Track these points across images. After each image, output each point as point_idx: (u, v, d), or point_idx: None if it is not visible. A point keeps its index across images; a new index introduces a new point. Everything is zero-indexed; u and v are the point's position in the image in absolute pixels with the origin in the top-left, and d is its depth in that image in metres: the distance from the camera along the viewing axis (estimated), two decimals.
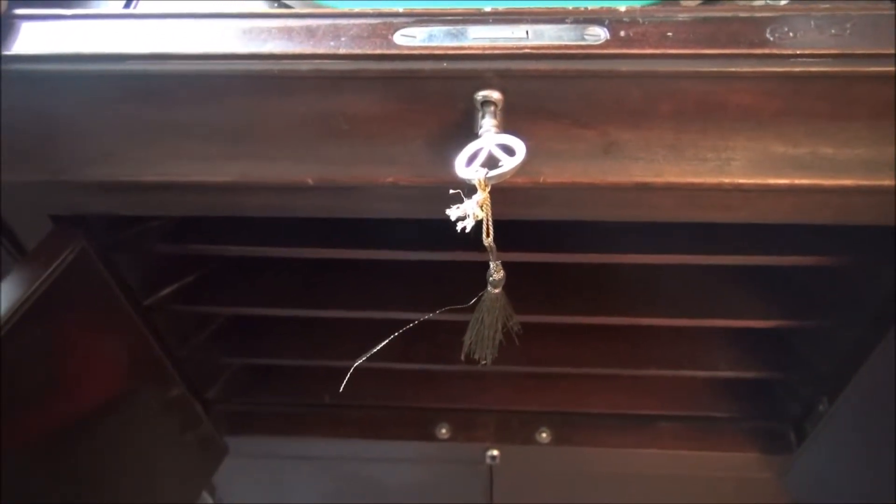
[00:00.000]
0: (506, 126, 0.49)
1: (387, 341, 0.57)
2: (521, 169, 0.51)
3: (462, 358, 0.59)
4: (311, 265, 0.89)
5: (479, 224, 0.48)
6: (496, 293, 0.55)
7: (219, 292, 0.86)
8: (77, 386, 0.70)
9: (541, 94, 0.50)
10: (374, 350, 0.56)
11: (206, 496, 1.09)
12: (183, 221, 0.78)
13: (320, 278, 0.87)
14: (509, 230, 0.58)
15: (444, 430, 0.97)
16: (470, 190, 0.47)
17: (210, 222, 0.76)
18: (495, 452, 0.97)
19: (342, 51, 0.48)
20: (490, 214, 0.48)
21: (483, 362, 0.59)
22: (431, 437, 0.97)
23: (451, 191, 0.47)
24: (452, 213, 0.47)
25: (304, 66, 0.48)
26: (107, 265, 0.69)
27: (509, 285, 0.57)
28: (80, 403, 0.71)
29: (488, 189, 0.47)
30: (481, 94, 0.49)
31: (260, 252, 0.74)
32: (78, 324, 0.68)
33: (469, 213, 0.46)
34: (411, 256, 0.73)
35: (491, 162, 0.47)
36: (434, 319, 0.74)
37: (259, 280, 0.88)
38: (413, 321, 0.82)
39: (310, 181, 0.54)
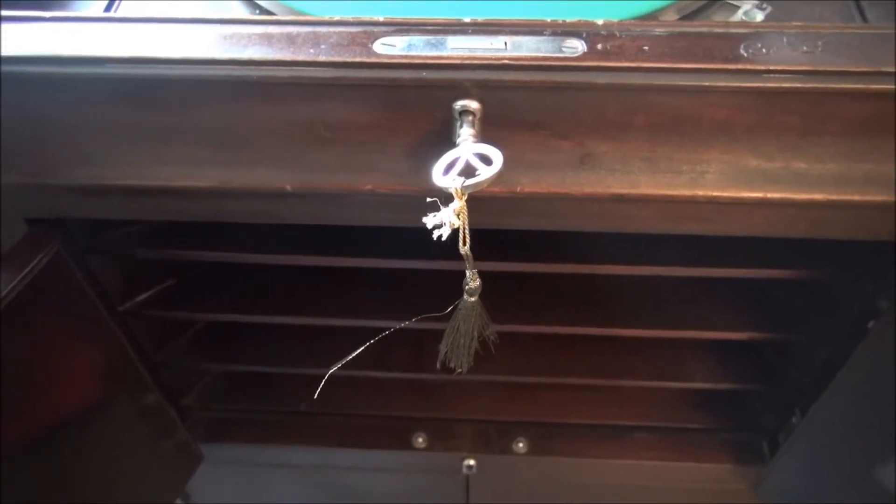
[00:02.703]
0: (484, 136, 0.50)
1: (361, 349, 0.57)
2: (498, 179, 0.51)
3: (438, 366, 0.60)
4: (291, 273, 0.89)
5: (456, 232, 0.48)
6: (472, 301, 0.55)
7: (196, 299, 0.86)
8: (50, 391, 0.70)
9: (519, 105, 0.50)
10: (348, 358, 0.57)
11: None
12: (162, 227, 0.77)
13: (300, 286, 0.87)
14: (489, 240, 0.59)
15: (420, 439, 0.96)
16: (447, 198, 0.47)
17: (190, 228, 0.76)
18: (472, 462, 0.97)
19: (322, 58, 0.48)
20: (467, 223, 0.48)
21: (459, 370, 0.59)
22: (408, 445, 0.96)
23: (429, 199, 0.48)
24: (429, 221, 0.47)
25: (284, 72, 0.48)
26: (83, 270, 0.69)
27: (489, 294, 0.58)
28: (52, 409, 0.70)
29: (465, 198, 0.47)
30: (459, 104, 0.49)
31: (238, 258, 0.74)
32: (52, 329, 0.67)
33: (446, 221, 0.47)
34: (390, 265, 0.73)
35: (468, 171, 0.47)
36: (412, 328, 0.74)
37: (238, 287, 0.88)
38: (391, 329, 0.82)
39: (289, 188, 0.55)
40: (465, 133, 0.49)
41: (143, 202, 0.59)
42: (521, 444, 0.96)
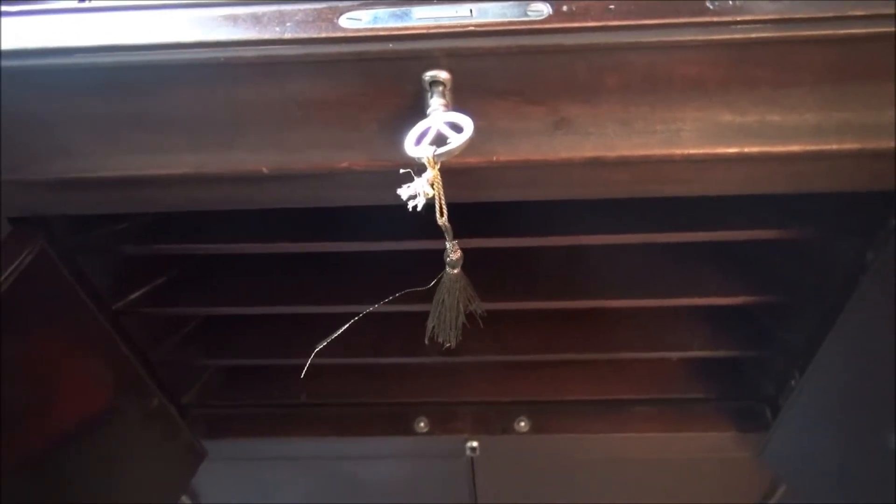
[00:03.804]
0: (456, 107, 0.50)
1: (347, 325, 0.58)
2: (474, 149, 0.51)
3: (426, 341, 0.59)
4: (282, 265, 0.89)
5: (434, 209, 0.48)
6: (455, 273, 0.55)
7: (189, 294, 0.86)
8: (47, 392, 0.70)
9: (488, 73, 0.50)
10: (335, 335, 0.57)
11: (188, 502, 1.09)
12: (149, 226, 0.77)
13: (291, 277, 0.87)
14: (473, 220, 0.59)
15: (422, 424, 0.96)
16: (421, 169, 0.47)
17: (177, 225, 0.76)
18: (475, 444, 0.97)
19: (288, 35, 0.48)
20: (442, 193, 0.48)
21: (447, 345, 0.59)
22: (410, 431, 0.97)
23: (402, 170, 0.48)
24: (403, 192, 0.47)
25: (251, 52, 0.48)
26: (71, 269, 0.69)
27: (477, 275, 0.58)
28: (49, 411, 0.70)
29: (438, 166, 0.47)
30: (429, 75, 0.49)
31: (226, 249, 0.74)
32: (44, 330, 0.67)
33: (420, 191, 0.47)
34: (376, 247, 0.73)
35: (440, 140, 0.47)
36: (406, 314, 0.75)
37: (229, 281, 0.88)
38: (384, 313, 0.82)
39: (265, 170, 0.55)
40: (436, 103, 0.49)
41: (119, 194, 0.59)
42: (522, 424, 0.95)
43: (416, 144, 0.48)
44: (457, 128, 0.47)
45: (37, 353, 0.67)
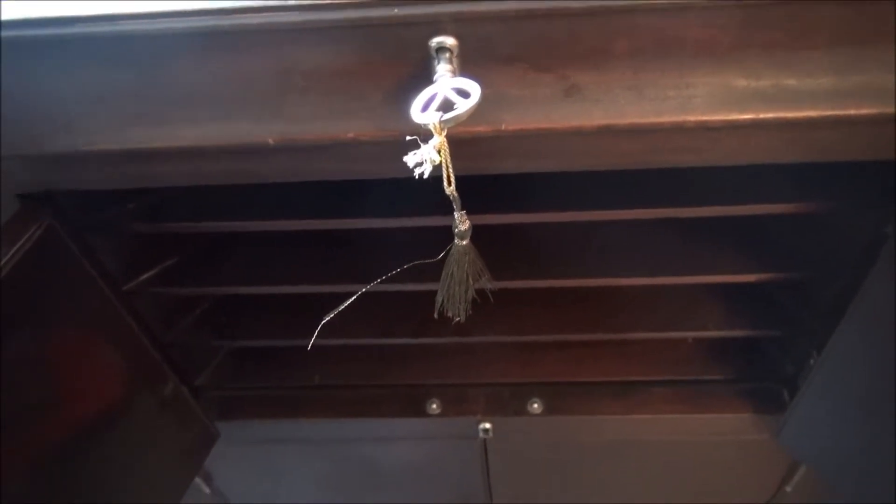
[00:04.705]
0: (464, 75, 0.48)
1: (356, 296, 0.57)
2: (481, 117, 0.51)
3: (435, 315, 0.59)
4: (293, 246, 0.89)
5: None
6: (464, 245, 0.54)
7: (200, 275, 0.86)
8: (59, 373, 0.70)
9: (496, 39, 0.49)
10: (344, 305, 0.56)
11: (202, 485, 1.09)
12: (159, 205, 0.77)
13: (302, 258, 0.87)
14: (482, 199, 0.57)
15: (434, 406, 0.96)
16: (427, 136, 0.46)
17: (186, 207, 0.76)
18: (488, 425, 0.96)
19: (291, 1, 0.47)
20: (449, 161, 0.47)
21: (457, 319, 0.58)
22: (423, 412, 0.96)
23: (409, 138, 0.47)
24: (410, 159, 0.46)
25: (254, 19, 0.48)
26: (80, 247, 0.69)
27: (487, 255, 0.57)
28: (59, 389, 0.70)
29: (444, 133, 0.46)
30: (435, 41, 0.48)
31: (234, 227, 0.74)
32: (54, 309, 0.67)
33: (426, 158, 0.46)
34: (387, 224, 0.73)
35: (447, 107, 0.46)
36: (419, 293, 0.74)
37: (239, 262, 0.88)
38: (396, 294, 0.82)
39: (270, 141, 0.54)
40: (443, 69, 0.48)
41: (124, 168, 0.58)
42: (535, 405, 0.95)
43: (422, 111, 0.47)
44: (464, 94, 0.46)
45: (48, 332, 0.67)
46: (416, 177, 0.46)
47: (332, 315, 0.56)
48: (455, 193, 0.50)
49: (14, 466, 0.63)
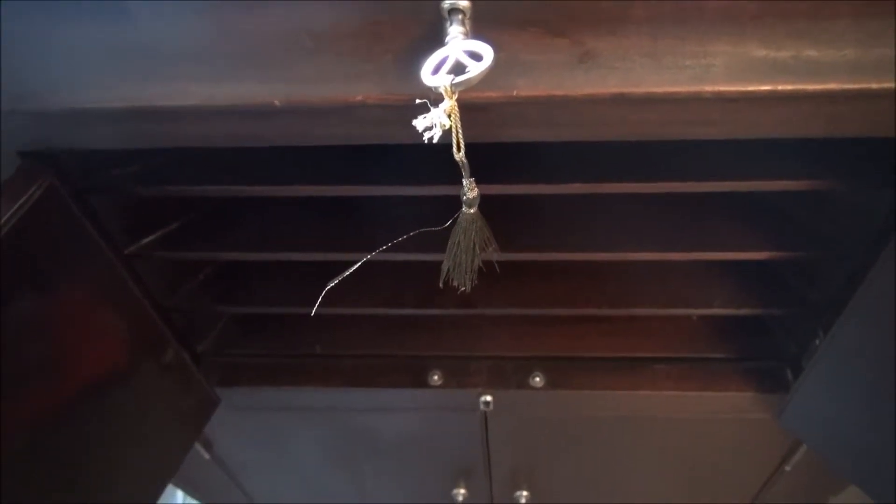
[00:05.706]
0: (477, 38, 0.47)
1: (359, 264, 0.56)
2: (493, 82, 0.49)
3: (440, 284, 0.58)
4: (299, 211, 0.88)
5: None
6: (472, 213, 0.53)
7: (203, 239, 0.85)
8: (58, 332, 0.69)
9: (509, 1, 0.48)
10: (347, 273, 0.55)
11: (201, 450, 1.09)
12: (161, 169, 0.76)
13: (307, 226, 0.86)
14: (491, 171, 0.56)
15: (436, 377, 0.96)
16: (437, 100, 0.45)
17: (189, 171, 0.75)
18: (489, 398, 0.96)
19: None
20: (459, 126, 0.46)
21: (462, 288, 0.58)
22: (424, 384, 0.96)
23: (418, 101, 0.46)
24: (419, 123, 0.45)
25: None
26: (82, 208, 0.68)
27: (494, 227, 0.56)
28: (58, 351, 0.70)
29: (455, 96, 0.45)
30: (448, 2, 0.47)
31: (236, 192, 0.72)
32: (55, 270, 0.67)
33: (436, 121, 0.45)
34: (392, 191, 0.72)
35: (458, 70, 0.45)
36: (424, 264, 0.73)
37: (242, 228, 0.87)
38: (400, 264, 0.81)
39: (276, 103, 0.53)
40: (455, 31, 0.47)
41: (127, 127, 0.57)
42: (537, 379, 0.94)
43: (433, 74, 0.46)
44: (476, 57, 0.45)
45: (48, 293, 0.66)
46: (426, 141, 0.45)
47: (335, 282, 0.56)
48: (465, 160, 0.49)
49: (14, 429, 0.62)
